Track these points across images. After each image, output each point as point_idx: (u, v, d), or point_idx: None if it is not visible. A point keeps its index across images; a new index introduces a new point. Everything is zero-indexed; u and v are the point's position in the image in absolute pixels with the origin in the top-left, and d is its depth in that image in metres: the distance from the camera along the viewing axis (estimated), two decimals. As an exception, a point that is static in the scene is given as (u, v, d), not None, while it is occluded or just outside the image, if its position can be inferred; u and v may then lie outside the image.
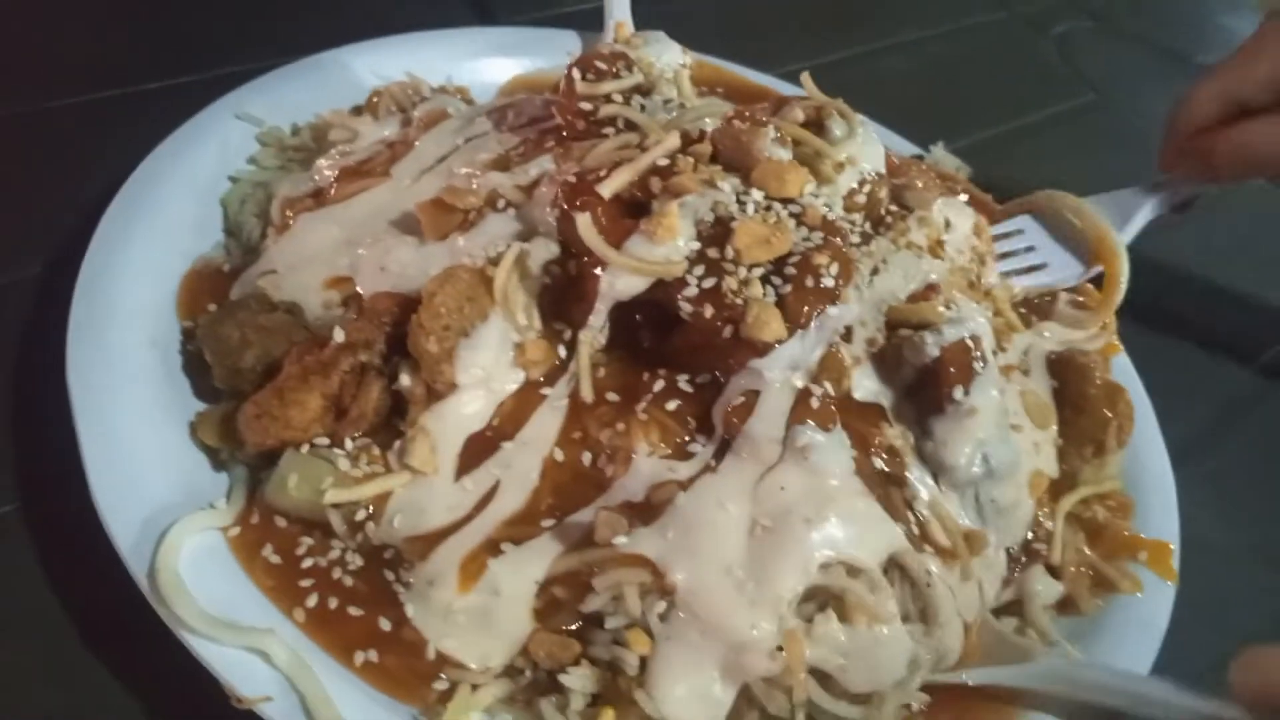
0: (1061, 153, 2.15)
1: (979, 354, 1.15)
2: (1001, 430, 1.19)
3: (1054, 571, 1.24)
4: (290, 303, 1.19)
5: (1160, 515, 1.32)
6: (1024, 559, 1.24)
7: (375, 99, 1.48)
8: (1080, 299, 1.48)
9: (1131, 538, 1.29)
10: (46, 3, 1.75)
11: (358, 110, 1.49)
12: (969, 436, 1.13)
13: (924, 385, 1.15)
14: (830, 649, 1.00)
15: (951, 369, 1.13)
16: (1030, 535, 1.25)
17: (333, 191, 1.29)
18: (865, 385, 1.15)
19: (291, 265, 1.22)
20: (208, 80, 1.50)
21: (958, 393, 1.13)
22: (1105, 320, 1.42)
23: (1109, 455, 1.32)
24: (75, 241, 1.22)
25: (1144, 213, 1.54)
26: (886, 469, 1.11)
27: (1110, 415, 1.31)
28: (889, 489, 1.10)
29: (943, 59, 2.39)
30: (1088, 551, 1.27)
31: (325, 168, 1.33)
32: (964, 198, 1.48)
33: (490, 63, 1.67)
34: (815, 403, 1.09)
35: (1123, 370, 1.47)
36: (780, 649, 0.97)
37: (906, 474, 1.12)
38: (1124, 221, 1.53)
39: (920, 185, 1.41)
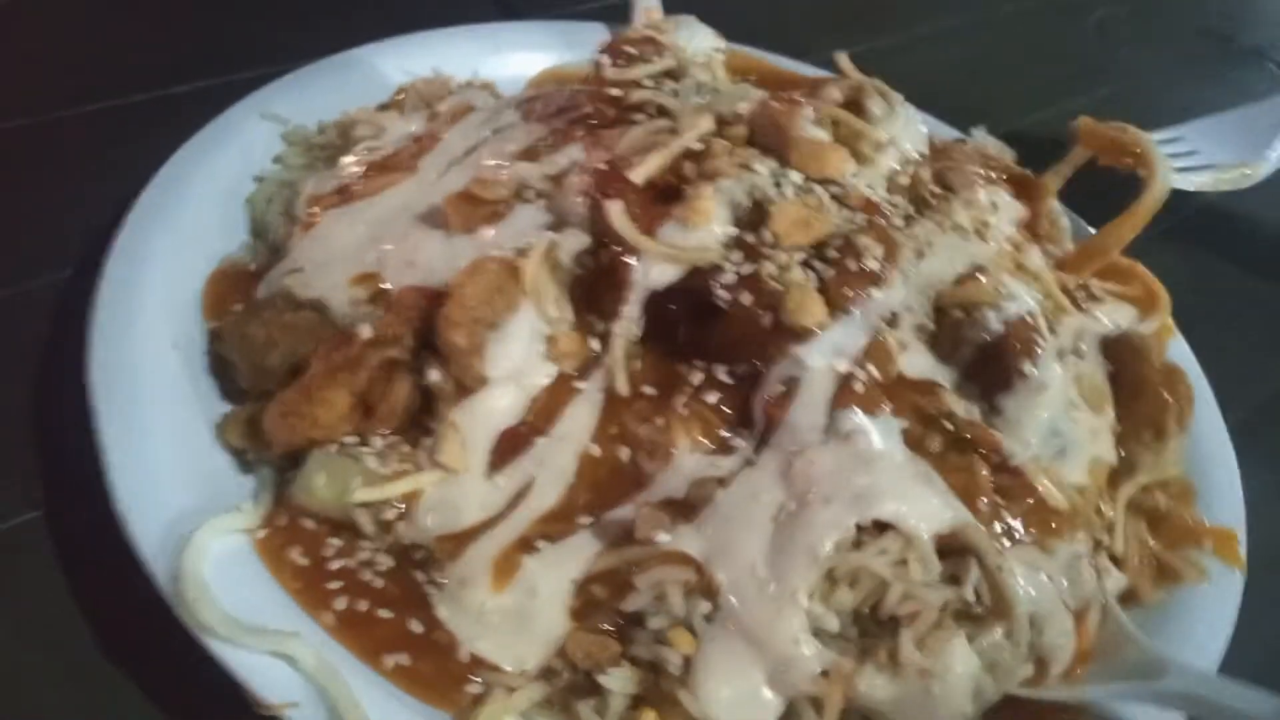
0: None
1: (1039, 330, 1.09)
2: (1068, 409, 1.14)
3: (1115, 562, 1.18)
4: (317, 301, 1.16)
5: (1224, 501, 1.25)
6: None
7: (401, 95, 1.45)
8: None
9: (1195, 525, 1.22)
10: (69, 8, 1.74)
11: (384, 108, 1.47)
12: (1040, 412, 1.08)
13: (987, 363, 1.10)
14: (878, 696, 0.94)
15: (1017, 344, 1.08)
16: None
17: (358, 187, 1.26)
18: (918, 364, 1.10)
19: (317, 263, 1.19)
20: (232, 83, 1.48)
21: (1026, 367, 1.07)
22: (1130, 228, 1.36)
23: (1169, 440, 1.26)
24: (99, 247, 1.20)
25: None
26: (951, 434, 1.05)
27: (1169, 398, 1.25)
28: (953, 457, 1.04)
29: (978, 47, 2.34)
30: (1150, 541, 1.20)
31: (351, 164, 1.31)
32: (1010, 194, 1.42)
33: (517, 57, 1.65)
34: (860, 387, 1.04)
35: (1179, 355, 1.41)
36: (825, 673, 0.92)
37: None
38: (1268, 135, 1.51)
39: (964, 166, 1.36)
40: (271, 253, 1.26)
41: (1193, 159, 1.63)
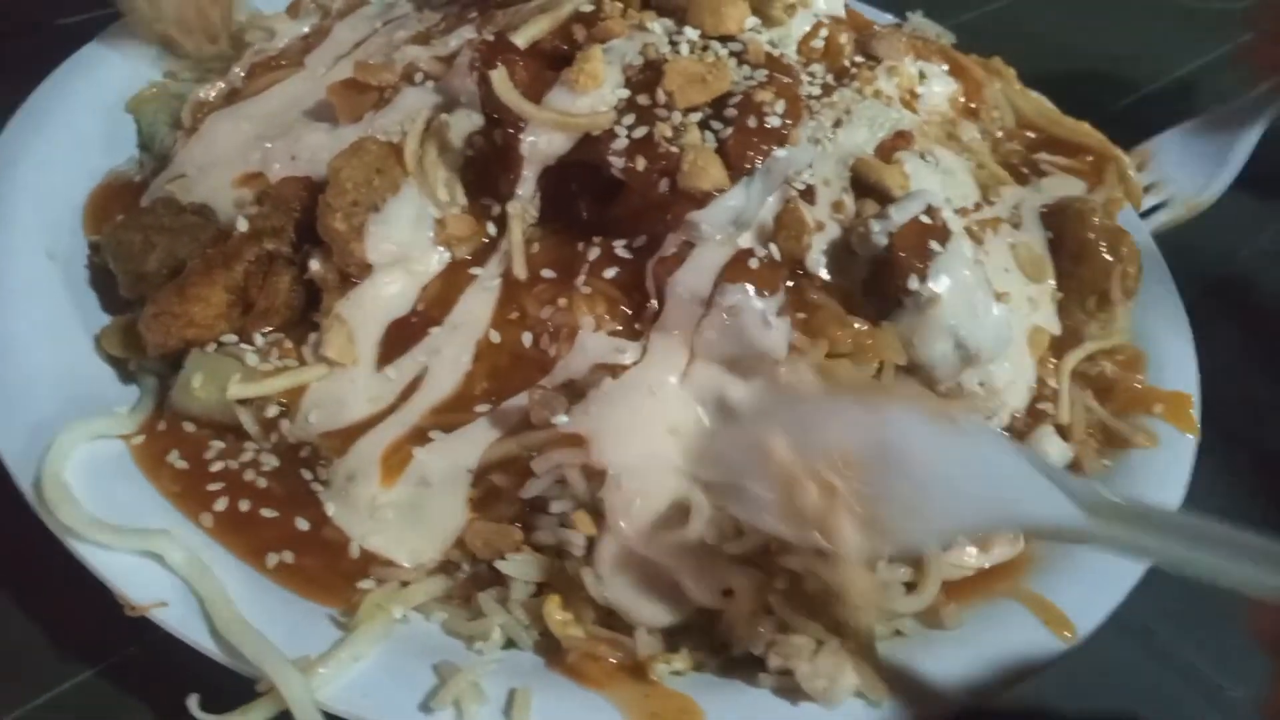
0: (1057, 29, 2.00)
1: (939, 227, 1.01)
2: (978, 307, 1.05)
3: (1061, 433, 1.11)
4: (200, 204, 1.10)
5: (1177, 368, 1.19)
6: (1029, 421, 1.12)
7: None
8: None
9: (1145, 390, 1.16)
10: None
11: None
12: (936, 328, 1.00)
13: (878, 279, 1.01)
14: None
15: (903, 254, 1.00)
16: (1033, 397, 1.13)
17: (243, 88, 1.20)
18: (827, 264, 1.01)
19: (202, 166, 1.14)
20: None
21: (912, 283, 0.99)
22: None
23: (1115, 307, 1.19)
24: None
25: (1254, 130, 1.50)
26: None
27: (1113, 260, 1.18)
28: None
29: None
30: (1098, 408, 1.14)
31: (238, 69, 1.24)
32: (944, 67, 1.35)
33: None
34: (755, 263, 0.97)
35: (1131, 224, 1.33)
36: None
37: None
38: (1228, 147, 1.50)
39: (891, 37, 1.28)
40: (159, 164, 1.20)
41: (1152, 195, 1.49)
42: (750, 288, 0.94)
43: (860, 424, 0.79)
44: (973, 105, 1.35)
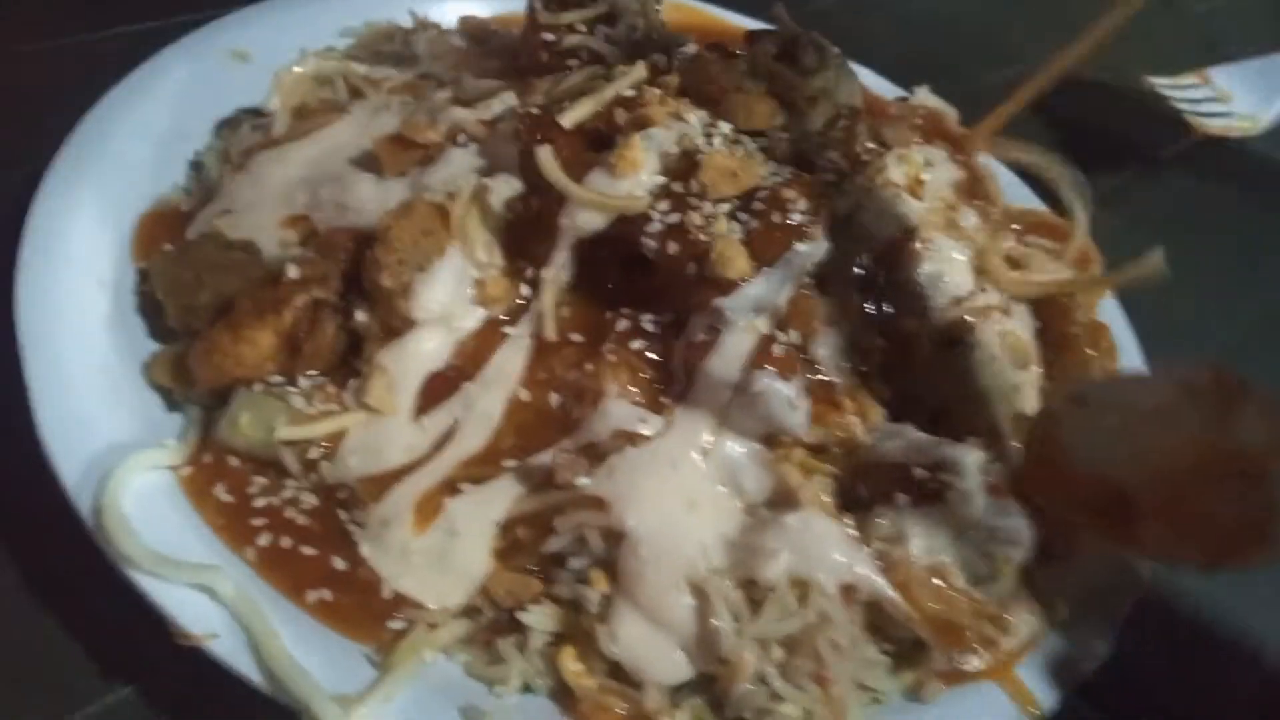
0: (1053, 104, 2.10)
1: None
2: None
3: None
4: (246, 242, 1.16)
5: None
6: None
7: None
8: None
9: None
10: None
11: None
12: None
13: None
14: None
15: None
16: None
17: (291, 130, 1.26)
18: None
19: (248, 204, 1.19)
20: (168, 27, 1.45)
21: None
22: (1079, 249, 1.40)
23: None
24: (30, 189, 1.18)
25: None
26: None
27: (1092, 353, 1.28)
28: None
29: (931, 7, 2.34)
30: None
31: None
32: (942, 153, 1.43)
33: (455, 5, 1.62)
34: (779, 350, 1.06)
35: (1110, 314, 1.43)
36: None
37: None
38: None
39: (900, 124, 1.37)
40: (205, 194, 1.26)
41: (1214, 105, 1.95)
42: (775, 373, 1.02)
43: None
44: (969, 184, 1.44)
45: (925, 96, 1.73)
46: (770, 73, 1.20)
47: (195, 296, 1.10)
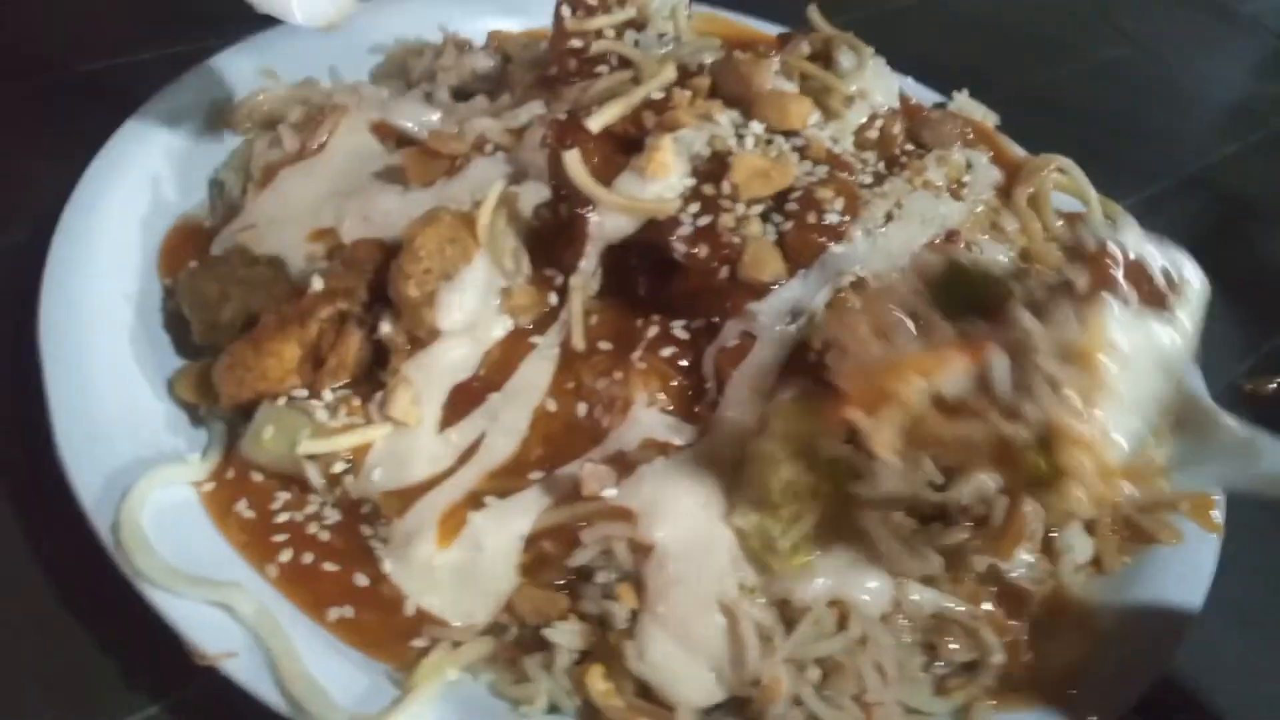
0: (1097, 106, 2.06)
1: None
2: None
3: (1088, 527, 1.15)
4: (272, 256, 1.14)
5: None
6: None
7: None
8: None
9: (1171, 493, 1.19)
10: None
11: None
12: None
13: None
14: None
15: None
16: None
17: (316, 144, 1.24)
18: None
19: (273, 219, 1.18)
20: (196, 51, 1.45)
21: None
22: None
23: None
24: (60, 208, 1.18)
25: None
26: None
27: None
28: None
29: (974, 11, 2.29)
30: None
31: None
32: (988, 155, 1.39)
33: (486, 21, 1.60)
34: (813, 356, 1.01)
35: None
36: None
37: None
38: None
39: (940, 125, 1.33)
40: (229, 210, 1.25)
41: None
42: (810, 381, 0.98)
43: None
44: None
45: (965, 102, 1.69)
46: (804, 73, 1.17)
47: (220, 312, 1.08)
